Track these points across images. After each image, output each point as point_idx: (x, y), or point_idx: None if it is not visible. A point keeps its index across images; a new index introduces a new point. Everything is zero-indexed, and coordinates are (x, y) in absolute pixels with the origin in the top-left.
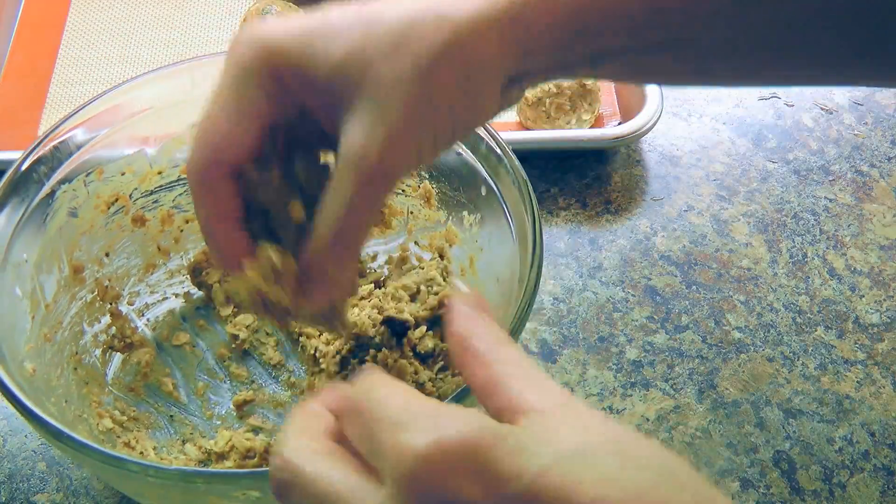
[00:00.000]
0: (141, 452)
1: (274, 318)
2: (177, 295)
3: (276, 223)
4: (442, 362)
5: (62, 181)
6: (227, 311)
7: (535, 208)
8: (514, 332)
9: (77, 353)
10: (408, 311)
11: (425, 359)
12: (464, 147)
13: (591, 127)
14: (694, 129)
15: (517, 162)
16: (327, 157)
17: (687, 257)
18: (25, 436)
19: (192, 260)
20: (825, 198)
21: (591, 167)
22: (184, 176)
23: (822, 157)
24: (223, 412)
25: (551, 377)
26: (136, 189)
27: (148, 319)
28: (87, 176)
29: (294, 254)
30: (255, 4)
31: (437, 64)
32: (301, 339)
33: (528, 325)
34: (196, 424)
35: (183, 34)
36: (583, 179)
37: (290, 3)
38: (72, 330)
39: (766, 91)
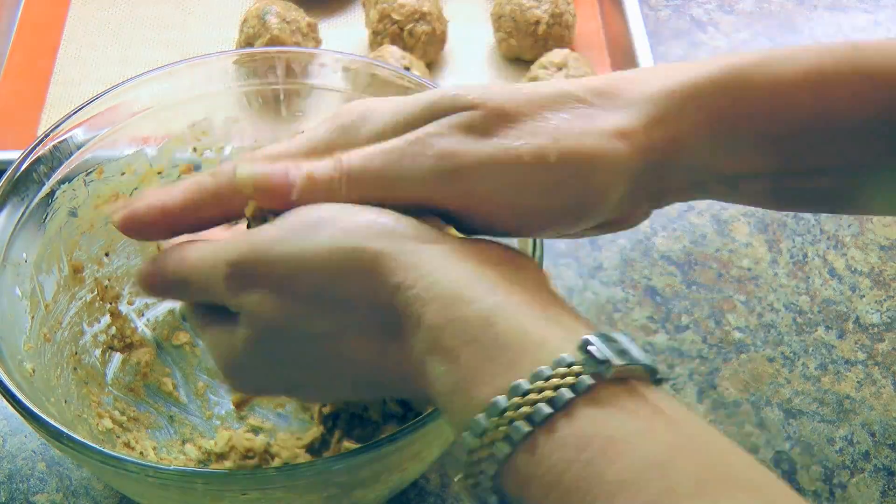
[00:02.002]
0: (141, 452)
1: None
2: None
3: None
4: None
5: (62, 181)
6: None
7: None
8: None
9: (77, 353)
10: None
11: None
12: None
13: None
14: None
15: None
16: None
17: (687, 257)
18: (25, 436)
19: None
20: None
21: None
22: (184, 175)
23: None
24: (223, 412)
25: None
26: (136, 189)
27: (148, 319)
28: (86, 176)
29: None
30: (255, 4)
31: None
32: None
33: None
34: (196, 424)
35: (183, 34)
36: None
37: (291, 4)
38: (71, 330)
39: None
